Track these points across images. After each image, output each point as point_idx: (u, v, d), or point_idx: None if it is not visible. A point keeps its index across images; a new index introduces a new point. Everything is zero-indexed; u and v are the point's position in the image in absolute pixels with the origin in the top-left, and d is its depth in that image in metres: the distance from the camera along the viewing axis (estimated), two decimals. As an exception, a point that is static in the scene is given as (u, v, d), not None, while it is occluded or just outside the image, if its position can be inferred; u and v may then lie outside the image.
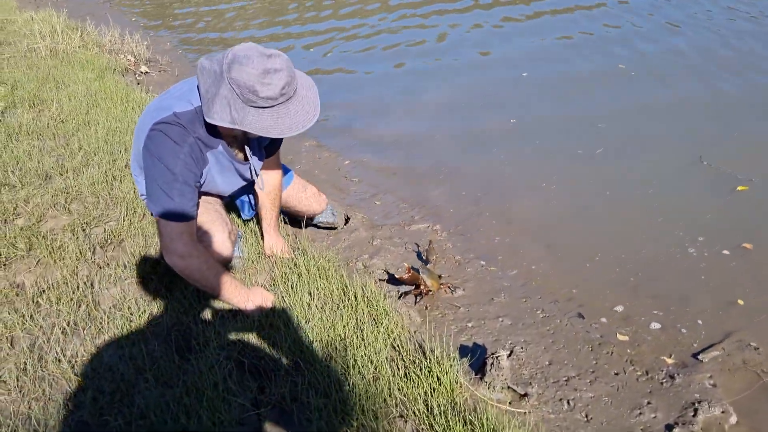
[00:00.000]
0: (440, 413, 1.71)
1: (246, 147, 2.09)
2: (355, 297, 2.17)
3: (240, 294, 2.07)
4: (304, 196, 2.70)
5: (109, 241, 2.56)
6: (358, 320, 2.07)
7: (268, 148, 2.26)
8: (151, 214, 2.63)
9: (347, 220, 3.05)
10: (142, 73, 5.38)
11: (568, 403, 1.98)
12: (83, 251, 2.45)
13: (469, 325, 2.36)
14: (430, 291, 2.43)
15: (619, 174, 3.37)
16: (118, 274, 2.33)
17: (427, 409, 1.75)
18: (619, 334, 2.27)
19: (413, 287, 2.45)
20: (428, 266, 2.52)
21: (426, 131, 4.12)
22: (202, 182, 2.04)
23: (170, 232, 1.91)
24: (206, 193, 2.19)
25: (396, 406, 1.79)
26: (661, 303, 2.40)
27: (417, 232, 3.00)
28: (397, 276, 2.45)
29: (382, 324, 2.05)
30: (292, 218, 2.83)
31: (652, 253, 2.70)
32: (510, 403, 1.93)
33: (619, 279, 2.57)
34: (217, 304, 2.15)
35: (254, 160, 2.16)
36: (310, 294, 2.18)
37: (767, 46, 4.90)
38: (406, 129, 4.20)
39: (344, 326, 2.03)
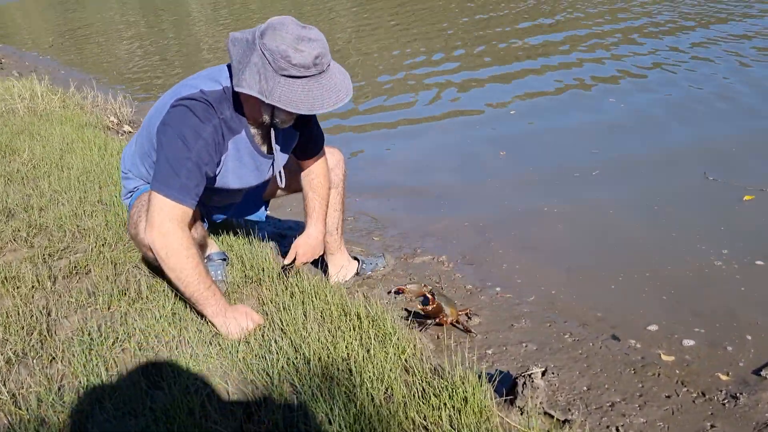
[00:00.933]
0: (472, 436, 1.38)
1: (272, 138, 1.89)
2: (358, 317, 1.86)
3: (220, 305, 1.76)
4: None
5: (74, 272, 2.23)
6: (363, 339, 1.75)
7: (303, 148, 2.07)
8: (126, 216, 2.35)
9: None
10: (125, 132, 5.21)
11: (617, 429, 1.65)
12: (42, 280, 2.12)
13: (489, 351, 2.05)
14: (447, 319, 2.11)
15: (619, 194, 3.25)
16: (81, 301, 2.00)
17: (455, 432, 1.42)
18: (663, 354, 1.97)
19: (431, 318, 2.12)
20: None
21: (422, 167, 4.03)
22: (216, 173, 1.85)
23: (162, 206, 1.69)
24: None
25: (414, 431, 1.44)
26: (703, 320, 2.13)
27: (422, 264, 2.73)
28: (420, 308, 2.05)
29: (391, 343, 1.73)
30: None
31: (680, 270, 2.47)
32: None
33: (651, 298, 2.30)
34: (195, 327, 1.82)
35: (278, 154, 1.96)
36: (305, 315, 1.87)
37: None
38: (401, 165, 4.12)
39: (347, 346, 1.70)
